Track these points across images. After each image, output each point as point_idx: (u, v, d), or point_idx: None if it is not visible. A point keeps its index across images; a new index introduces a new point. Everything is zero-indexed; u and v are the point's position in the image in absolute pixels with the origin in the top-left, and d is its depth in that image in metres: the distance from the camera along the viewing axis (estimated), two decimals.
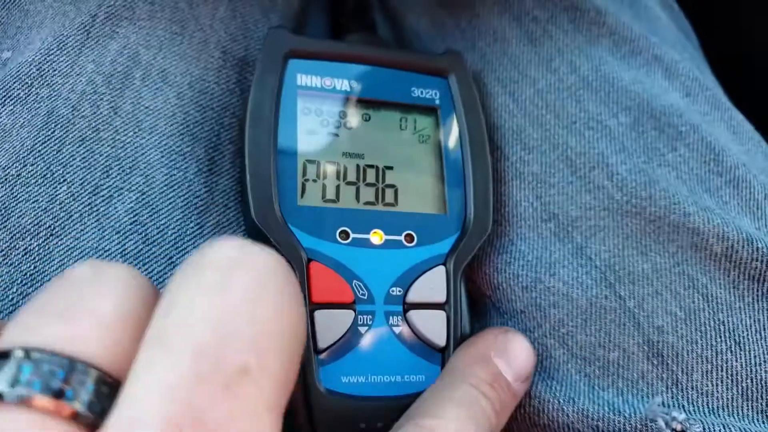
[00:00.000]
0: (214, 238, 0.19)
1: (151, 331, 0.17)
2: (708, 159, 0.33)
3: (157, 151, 0.32)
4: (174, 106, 0.33)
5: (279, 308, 0.18)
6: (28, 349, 0.17)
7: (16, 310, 0.27)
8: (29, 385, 0.16)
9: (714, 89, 0.37)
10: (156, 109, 0.33)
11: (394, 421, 0.28)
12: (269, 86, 0.32)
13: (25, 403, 0.16)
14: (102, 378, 0.17)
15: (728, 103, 0.37)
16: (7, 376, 0.16)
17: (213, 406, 0.16)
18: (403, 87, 0.35)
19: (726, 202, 0.33)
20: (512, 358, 0.29)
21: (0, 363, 0.17)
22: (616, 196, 0.33)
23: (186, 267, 0.18)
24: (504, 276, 0.34)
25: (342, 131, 0.34)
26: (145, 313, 0.18)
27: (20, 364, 0.17)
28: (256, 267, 0.18)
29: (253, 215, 0.30)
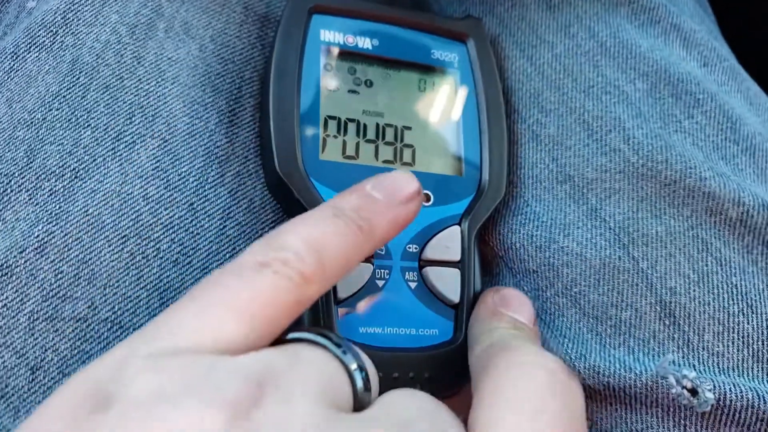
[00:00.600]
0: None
1: None
2: (725, 127, 0.33)
3: (180, 100, 0.32)
4: (196, 58, 0.33)
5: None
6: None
7: (41, 248, 0.27)
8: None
9: (731, 60, 0.37)
10: (178, 60, 0.32)
11: (408, 371, 0.29)
12: (293, 41, 0.32)
13: None
14: None
15: (745, 74, 0.37)
16: None
17: None
18: (423, 49, 0.35)
19: (741, 170, 0.32)
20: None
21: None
22: (632, 159, 0.33)
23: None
24: (518, 236, 0.33)
25: (362, 89, 0.34)
26: None
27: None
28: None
29: (278, 168, 0.30)
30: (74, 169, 0.29)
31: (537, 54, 0.37)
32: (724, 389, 0.27)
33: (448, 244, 0.32)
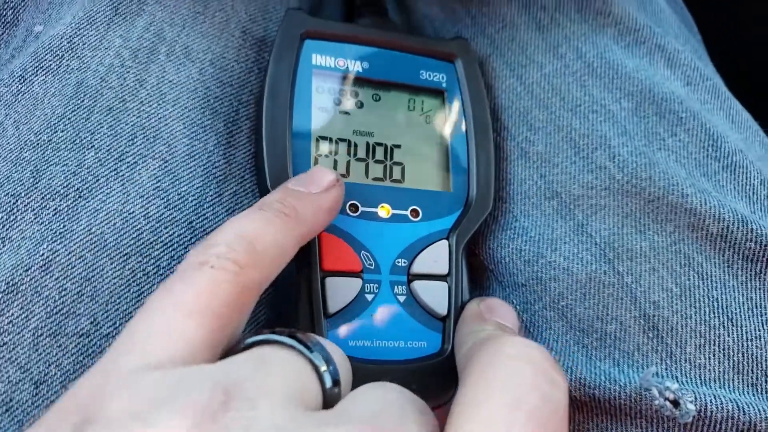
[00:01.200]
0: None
1: None
2: (706, 145, 0.34)
3: (180, 122, 0.33)
4: (196, 81, 0.34)
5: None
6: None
7: (46, 266, 0.28)
8: None
9: (714, 79, 0.38)
10: (179, 83, 0.33)
11: (397, 383, 0.29)
12: (286, 65, 0.33)
13: None
14: None
15: (728, 93, 0.37)
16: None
17: None
18: (412, 70, 0.36)
19: (723, 186, 0.33)
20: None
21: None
22: (617, 176, 0.33)
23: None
24: (507, 250, 0.34)
25: (353, 110, 0.34)
26: None
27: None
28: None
29: (270, 187, 0.30)
30: (78, 189, 0.30)
31: (526, 73, 0.37)
32: (705, 401, 0.28)
33: (436, 258, 0.33)
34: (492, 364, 0.23)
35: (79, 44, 0.32)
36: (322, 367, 0.22)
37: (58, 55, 0.32)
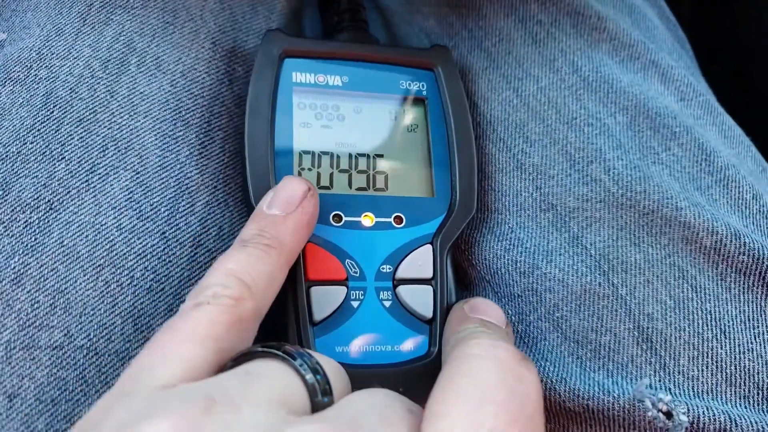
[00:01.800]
0: None
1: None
2: (700, 159, 0.38)
3: (151, 134, 0.36)
4: (167, 93, 0.37)
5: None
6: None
7: (17, 279, 0.31)
8: None
9: (707, 95, 0.42)
10: (150, 94, 0.37)
11: (383, 387, 0.32)
12: (266, 84, 0.37)
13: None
14: None
15: (720, 109, 0.42)
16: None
17: None
18: (392, 80, 0.40)
19: (716, 200, 0.37)
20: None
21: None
22: (612, 189, 0.37)
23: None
24: (503, 261, 0.38)
25: (335, 123, 0.38)
26: None
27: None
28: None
29: (252, 201, 0.34)
30: (49, 201, 0.32)
31: (522, 86, 0.42)
32: (697, 412, 0.31)
33: (420, 262, 0.36)
34: (459, 366, 0.26)
35: (47, 54, 0.36)
36: (308, 375, 0.25)
37: (26, 65, 0.35)
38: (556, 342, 0.35)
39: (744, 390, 0.32)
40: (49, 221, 0.32)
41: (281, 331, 0.34)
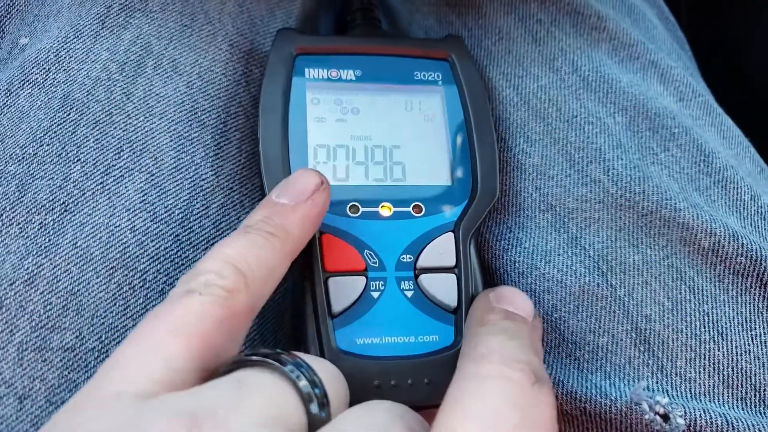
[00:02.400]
0: None
1: None
2: (698, 160, 0.36)
3: (167, 135, 0.35)
4: (183, 95, 0.36)
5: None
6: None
7: (30, 280, 0.30)
8: None
9: (706, 96, 0.41)
10: (166, 96, 0.36)
11: (407, 378, 0.31)
12: (280, 81, 0.36)
13: None
14: None
15: (719, 109, 0.40)
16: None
17: None
18: (406, 72, 0.39)
19: (714, 201, 0.36)
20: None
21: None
22: (611, 189, 0.36)
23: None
24: (501, 261, 0.37)
25: (349, 116, 0.37)
26: None
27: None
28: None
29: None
30: (64, 203, 0.32)
31: (523, 84, 0.40)
32: (694, 415, 0.30)
33: (442, 250, 0.34)
34: (468, 385, 0.25)
35: (65, 57, 0.35)
36: (307, 392, 0.23)
37: (44, 68, 0.34)
38: (554, 343, 0.34)
39: (741, 392, 0.31)
40: (63, 223, 0.31)
41: (299, 324, 0.33)
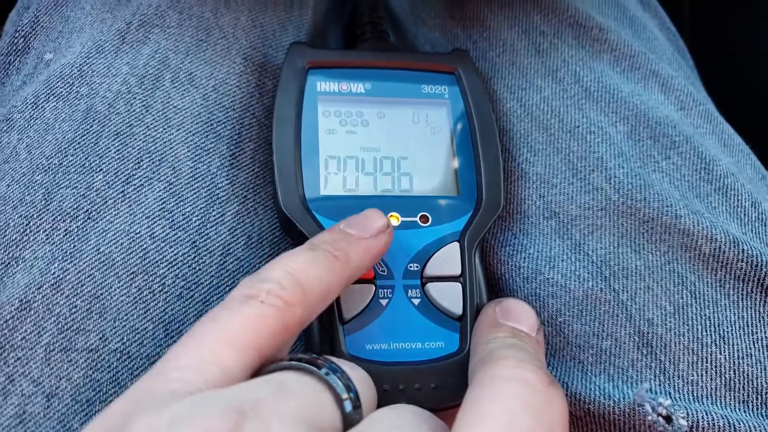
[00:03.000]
0: None
1: None
2: (699, 168, 0.36)
3: (184, 146, 0.35)
4: (200, 107, 0.36)
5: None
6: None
7: (57, 284, 0.30)
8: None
9: (707, 104, 0.40)
10: (183, 108, 0.36)
11: (414, 383, 0.31)
12: (292, 94, 0.36)
13: None
14: None
15: (720, 118, 0.40)
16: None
17: None
18: (414, 85, 0.39)
19: (715, 208, 0.35)
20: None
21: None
22: (613, 197, 0.35)
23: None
24: (506, 267, 0.36)
25: (359, 129, 0.37)
26: None
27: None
28: None
29: (281, 205, 0.33)
30: (87, 210, 0.32)
31: (526, 96, 0.40)
32: (697, 417, 0.30)
33: (447, 260, 0.34)
34: (484, 388, 0.24)
35: (88, 72, 0.35)
36: (343, 395, 0.23)
37: (68, 82, 0.34)
38: (559, 347, 0.34)
39: (743, 395, 0.31)
40: (86, 230, 0.31)
41: (308, 328, 0.32)
